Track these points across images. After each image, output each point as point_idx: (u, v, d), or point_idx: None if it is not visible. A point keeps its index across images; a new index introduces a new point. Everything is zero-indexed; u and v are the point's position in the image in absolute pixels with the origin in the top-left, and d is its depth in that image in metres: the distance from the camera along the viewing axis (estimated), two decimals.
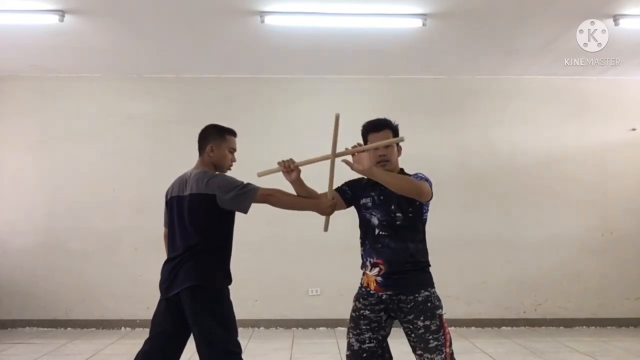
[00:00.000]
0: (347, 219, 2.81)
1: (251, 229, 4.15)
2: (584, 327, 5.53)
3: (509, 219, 5.59)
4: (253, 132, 5.29)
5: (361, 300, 2.41)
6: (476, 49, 4.95)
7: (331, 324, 5.45)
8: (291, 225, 5.19)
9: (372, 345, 2.36)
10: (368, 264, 2.40)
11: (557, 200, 5.63)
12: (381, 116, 2.56)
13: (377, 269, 2.36)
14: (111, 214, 5.51)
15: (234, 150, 2.76)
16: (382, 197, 2.40)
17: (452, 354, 2.29)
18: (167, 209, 2.71)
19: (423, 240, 2.41)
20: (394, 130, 2.49)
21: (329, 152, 2.42)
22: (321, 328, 5.44)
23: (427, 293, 2.31)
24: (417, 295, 2.29)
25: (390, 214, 2.37)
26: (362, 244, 2.48)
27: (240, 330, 2.58)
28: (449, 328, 2.35)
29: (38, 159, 5.56)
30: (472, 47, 4.90)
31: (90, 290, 5.44)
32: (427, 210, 2.45)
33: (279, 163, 2.48)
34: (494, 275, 5.48)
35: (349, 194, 2.54)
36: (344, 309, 5.60)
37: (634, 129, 5.72)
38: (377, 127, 2.48)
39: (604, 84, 5.71)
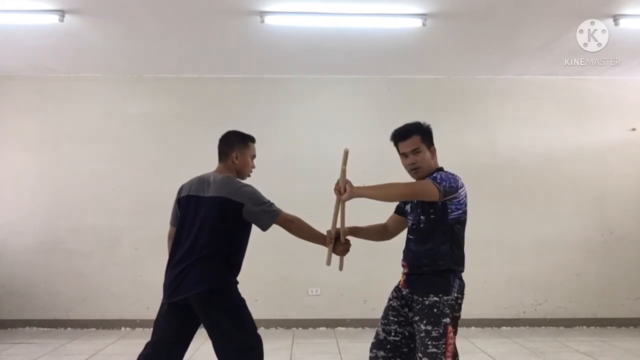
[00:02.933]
0: (348, 219, 2.81)
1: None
2: (584, 327, 5.53)
3: (509, 219, 5.59)
4: (253, 132, 5.19)
5: (393, 292, 2.49)
6: (476, 49, 4.95)
7: (331, 324, 5.45)
8: None
9: (397, 338, 2.38)
10: (401, 264, 2.47)
11: (557, 200, 5.63)
12: (380, 116, 2.56)
13: (405, 270, 2.43)
14: (111, 214, 5.50)
15: (254, 156, 2.80)
16: (415, 202, 2.42)
17: None
18: (178, 207, 2.66)
19: (447, 242, 2.32)
20: (423, 133, 2.42)
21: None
22: (321, 328, 5.44)
23: (435, 298, 2.26)
24: (425, 298, 2.27)
25: (417, 217, 2.39)
26: None
27: None
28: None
29: (38, 159, 5.56)
30: (472, 47, 4.90)
31: (90, 290, 5.44)
32: (458, 210, 2.35)
33: (328, 244, 2.54)
34: (494, 275, 5.47)
35: (402, 207, 2.58)
36: (344, 309, 5.65)
37: (634, 129, 5.71)
38: (404, 136, 2.42)
39: (604, 84, 5.71)
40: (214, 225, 2.49)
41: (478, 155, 5.57)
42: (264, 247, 5.44)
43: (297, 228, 2.62)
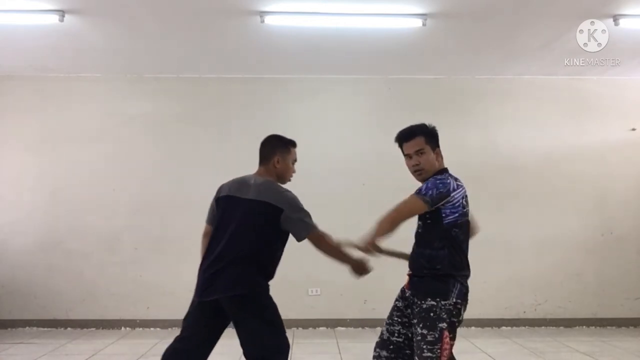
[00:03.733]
0: (348, 219, 2.81)
1: None
2: (584, 327, 5.53)
3: (509, 218, 5.58)
4: (253, 132, 5.25)
5: (399, 292, 2.51)
6: (476, 49, 4.95)
7: (331, 324, 5.45)
8: None
9: (400, 339, 2.39)
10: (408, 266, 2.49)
11: (557, 200, 5.63)
12: (380, 116, 2.56)
13: (409, 271, 2.45)
14: (111, 214, 5.50)
15: (295, 161, 2.82)
16: None
17: None
18: (217, 206, 2.66)
19: (445, 246, 2.30)
20: (428, 134, 2.43)
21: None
22: (321, 328, 5.44)
23: (433, 302, 2.25)
24: (423, 301, 2.28)
25: (418, 222, 2.43)
26: None
27: None
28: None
29: (38, 159, 5.56)
30: (472, 47, 4.90)
31: (90, 290, 5.44)
32: (454, 213, 2.32)
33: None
34: (494, 275, 5.46)
35: None
36: (344, 309, 5.64)
37: (633, 129, 5.71)
38: (408, 137, 2.44)
39: (604, 84, 5.71)
40: (250, 227, 2.50)
41: (478, 155, 5.57)
42: None
43: (326, 245, 2.61)
